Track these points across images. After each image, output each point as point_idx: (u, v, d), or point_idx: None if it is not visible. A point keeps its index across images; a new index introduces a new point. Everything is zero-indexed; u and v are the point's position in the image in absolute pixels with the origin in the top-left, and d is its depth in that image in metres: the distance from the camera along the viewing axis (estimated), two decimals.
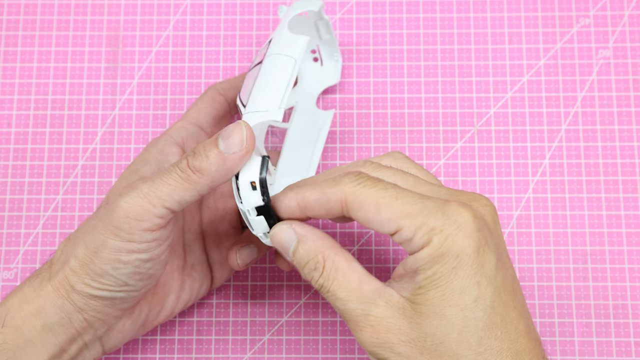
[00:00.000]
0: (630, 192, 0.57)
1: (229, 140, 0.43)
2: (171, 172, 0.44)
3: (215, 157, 0.43)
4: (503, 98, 0.59)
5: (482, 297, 0.40)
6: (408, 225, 0.40)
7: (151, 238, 0.44)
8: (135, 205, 0.43)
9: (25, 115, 0.60)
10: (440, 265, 0.40)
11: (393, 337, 0.40)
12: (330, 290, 0.42)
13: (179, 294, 0.51)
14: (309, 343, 0.56)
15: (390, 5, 0.61)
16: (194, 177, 0.43)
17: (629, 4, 0.61)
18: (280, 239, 0.44)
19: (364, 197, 0.41)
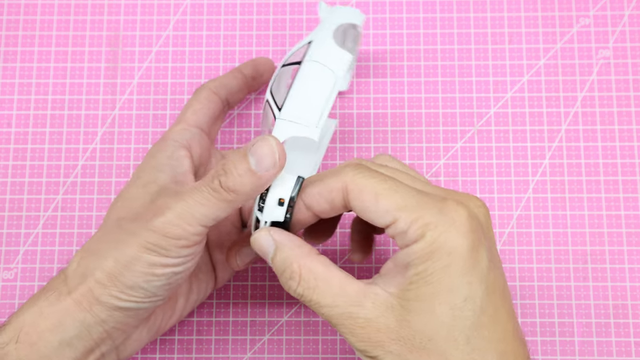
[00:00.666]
0: (630, 192, 0.57)
1: (259, 156, 0.42)
2: (203, 191, 0.43)
3: (248, 177, 0.42)
4: (503, 98, 0.59)
5: (472, 297, 0.40)
6: (404, 218, 0.40)
7: (187, 253, 0.44)
8: (172, 226, 0.43)
9: (25, 115, 0.60)
10: (432, 262, 0.40)
11: (383, 336, 0.40)
12: (313, 299, 0.42)
13: (188, 296, 0.51)
14: (309, 343, 0.56)
15: (390, 5, 0.61)
16: (228, 197, 0.43)
17: (629, 4, 0.61)
18: (259, 246, 0.44)
19: (363, 186, 0.42)
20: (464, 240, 0.40)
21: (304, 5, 0.61)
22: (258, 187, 0.43)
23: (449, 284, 0.40)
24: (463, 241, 0.40)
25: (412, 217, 0.40)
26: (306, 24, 0.61)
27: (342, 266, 0.57)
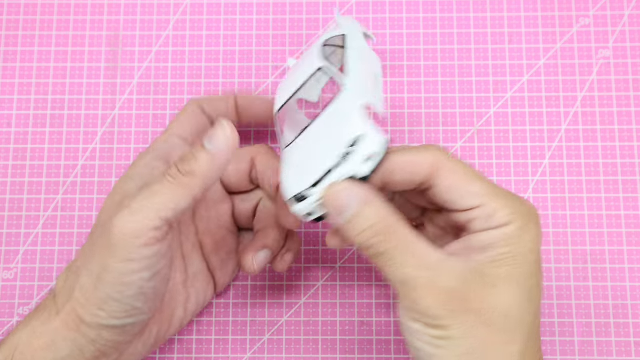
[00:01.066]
0: (631, 192, 0.57)
1: (214, 138, 0.43)
2: (161, 181, 0.43)
3: (203, 157, 0.43)
4: (503, 98, 0.59)
5: (539, 286, 0.43)
6: (491, 203, 0.43)
7: (151, 254, 0.43)
8: (129, 222, 0.42)
9: (25, 115, 0.60)
10: (517, 247, 0.42)
11: (457, 306, 0.41)
12: (397, 260, 0.41)
13: (186, 305, 0.51)
14: (309, 343, 0.56)
15: (390, 5, 0.61)
16: (185, 181, 0.43)
17: (629, 4, 0.61)
18: (339, 199, 0.42)
19: (455, 166, 0.44)
20: (539, 237, 0.43)
21: (304, 5, 0.61)
22: (215, 166, 0.43)
23: (528, 270, 0.42)
24: (539, 237, 0.43)
25: (500, 204, 0.43)
26: (306, 24, 0.61)
27: (342, 266, 0.57)
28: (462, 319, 0.40)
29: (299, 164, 0.45)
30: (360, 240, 0.42)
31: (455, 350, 0.40)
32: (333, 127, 0.44)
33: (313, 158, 0.44)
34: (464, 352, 0.40)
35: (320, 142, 0.44)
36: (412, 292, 0.41)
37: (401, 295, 0.42)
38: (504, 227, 0.42)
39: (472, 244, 0.43)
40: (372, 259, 0.42)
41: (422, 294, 0.41)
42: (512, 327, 0.41)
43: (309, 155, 0.45)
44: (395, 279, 0.41)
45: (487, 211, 0.43)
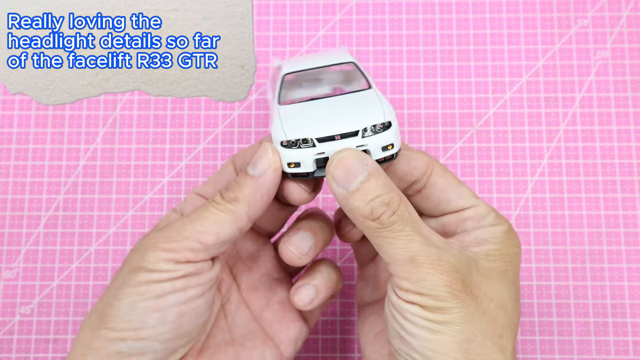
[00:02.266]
0: (629, 192, 0.57)
1: (258, 163, 0.42)
2: (206, 206, 0.42)
3: (247, 183, 0.42)
4: (502, 99, 0.60)
5: (518, 294, 0.44)
6: (482, 205, 0.45)
7: (175, 268, 0.40)
8: (166, 237, 0.41)
9: (27, 116, 0.60)
10: (508, 246, 0.43)
11: (461, 288, 0.40)
12: (402, 231, 0.40)
13: None
14: (309, 343, 0.56)
15: (389, 6, 0.62)
16: (230, 207, 0.42)
17: (627, 5, 0.61)
18: (350, 164, 0.41)
19: (445, 171, 0.45)
20: (520, 246, 0.45)
21: (304, 7, 0.62)
22: (259, 191, 0.42)
23: (516, 270, 0.44)
24: (520, 246, 0.45)
25: (488, 208, 0.45)
26: (306, 24, 0.61)
27: (343, 266, 0.57)
28: (464, 303, 0.40)
29: (303, 118, 0.44)
30: (367, 210, 0.40)
31: (454, 336, 0.39)
32: (359, 106, 0.44)
33: (325, 120, 0.43)
34: (464, 339, 0.39)
35: (337, 111, 0.44)
36: (417, 269, 0.40)
37: (401, 275, 0.40)
38: (495, 227, 0.44)
39: (466, 240, 0.44)
40: (374, 233, 0.40)
41: (428, 270, 0.40)
42: (505, 321, 0.41)
43: (321, 116, 0.43)
44: (399, 256, 0.40)
45: (479, 212, 0.44)
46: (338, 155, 0.41)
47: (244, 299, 0.48)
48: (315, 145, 0.42)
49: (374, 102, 0.44)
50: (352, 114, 0.43)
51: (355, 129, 0.42)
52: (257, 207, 0.42)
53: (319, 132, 0.42)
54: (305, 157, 0.42)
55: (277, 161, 0.42)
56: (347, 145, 0.42)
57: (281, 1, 0.61)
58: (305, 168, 0.42)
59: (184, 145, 0.59)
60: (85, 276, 0.57)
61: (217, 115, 0.60)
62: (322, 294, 0.46)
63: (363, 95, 0.45)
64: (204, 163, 0.58)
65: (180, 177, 0.58)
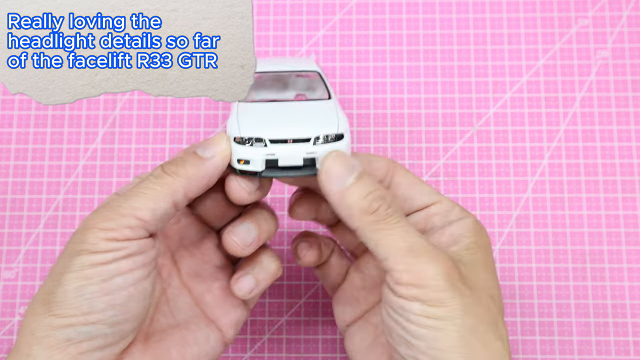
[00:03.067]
0: (629, 192, 0.57)
1: (208, 146, 0.43)
2: (143, 181, 0.42)
3: (191, 160, 0.42)
4: (502, 98, 0.60)
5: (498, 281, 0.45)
6: (445, 200, 0.46)
7: (118, 247, 0.40)
8: (102, 217, 0.40)
9: (27, 116, 0.60)
10: (480, 238, 0.44)
11: (458, 280, 0.40)
12: (398, 223, 0.41)
13: (183, 349, 0.46)
14: (309, 342, 0.56)
15: (390, 6, 0.62)
16: (168, 179, 0.41)
17: (628, 5, 0.61)
18: (343, 162, 0.42)
19: (406, 171, 0.46)
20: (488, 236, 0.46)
21: (304, 7, 0.62)
22: (201, 172, 0.42)
23: (492, 256, 0.45)
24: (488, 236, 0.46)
25: (451, 202, 0.46)
26: (306, 24, 0.61)
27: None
28: (462, 295, 0.40)
29: (260, 118, 0.44)
30: (365, 203, 0.41)
31: (457, 330, 0.39)
32: (316, 114, 0.45)
33: (281, 123, 0.44)
34: (466, 332, 0.39)
35: (294, 116, 0.45)
36: (417, 259, 0.40)
37: (401, 268, 0.40)
38: (463, 220, 0.45)
39: (442, 240, 0.44)
40: (372, 227, 0.41)
41: (427, 260, 0.40)
42: (496, 310, 0.42)
43: (277, 119, 0.45)
44: (397, 247, 0.40)
45: (444, 207, 0.45)
46: (330, 154, 0.42)
47: (185, 284, 0.48)
48: (267, 146, 0.43)
49: (331, 113, 0.45)
50: (308, 121, 0.44)
51: (308, 136, 0.43)
52: (195, 186, 0.42)
53: (273, 134, 0.43)
54: (255, 155, 0.43)
55: (227, 150, 0.43)
56: (297, 150, 0.43)
57: (281, 1, 0.61)
58: (254, 166, 0.43)
59: (184, 145, 0.59)
60: None
61: (217, 115, 0.60)
62: (261, 284, 0.46)
63: (322, 105, 0.46)
64: None
65: None
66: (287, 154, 0.43)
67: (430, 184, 0.58)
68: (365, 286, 0.49)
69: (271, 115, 0.45)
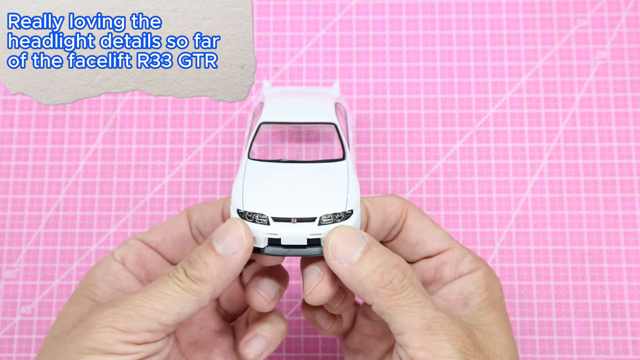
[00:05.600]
0: (628, 192, 0.58)
1: (226, 240, 0.40)
2: (167, 282, 0.39)
3: (214, 263, 0.39)
4: (501, 99, 0.60)
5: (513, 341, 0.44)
6: (458, 248, 0.44)
7: (135, 350, 0.38)
8: (123, 317, 0.38)
9: (27, 116, 0.60)
10: (493, 292, 0.43)
11: (473, 352, 0.39)
12: (414, 297, 0.39)
13: None
14: (309, 342, 0.56)
15: (389, 6, 0.62)
16: (195, 287, 0.39)
17: (627, 6, 0.61)
18: (347, 238, 0.40)
19: (418, 212, 0.44)
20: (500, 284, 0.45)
21: (304, 7, 0.62)
22: (227, 272, 0.39)
23: (505, 310, 0.43)
24: (500, 284, 0.45)
25: (463, 250, 0.44)
26: (306, 25, 0.61)
27: None
28: None
29: (265, 188, 0.42)
30: (377, 276, 0.39)
31: None
32: (325, 186, 0.43)
33: (286, 197, 0.42)
34: None
35: (301, 188, 0.43)
36: (434, 337, 0.39)
37: (417, 345, 0.39)
38: (474, 273, 0.43)
39: (452, 298, 0.43)
40: (388, 302, 0.39)
41: (444, 338, 0.39)
42: None
43: (282, 191, 0.42)
44: (415, 324, 0.39)
45: (456, 255, 0.44)
46: (334, 231, 0.40)
47: (184, 354, 0.46)
48: (269, 224, 0.41)
49: (342, 183, 0.43)
50: (315, 196, 0.42)
51: (313, 215, 0.41)
52: (222, 287, 0.40)
53: (276, 211, 0.41)
54: (258, 233, 0.41)
55: (250, 241, 0.40)
56: (302, 230, 0.40)
57: (281, 1, 0.62)
58: (256, 243, 0.41)
59: (184, 145, 0.59)
60: None
61: (217, 115, 0.60)
62: (272, 345, 0.45)
63: (334, 171, 0.44)
64: (204, 163, 0.59)
65: (180, 177, 0.59)
66: (291, 234, 0.41)
67: (429, 183, 0.58)
68: (376, 334, 0.46)
69: (277, 185, 0.43)
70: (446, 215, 0.57)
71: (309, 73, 0.60)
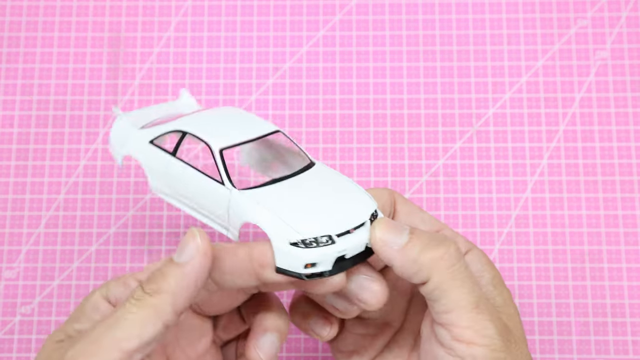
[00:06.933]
0: (628, 192, 0.58)
1: (185, 249, 0.37)
2: (124, 305, 0.37)
3: (172, 272, 0.37)
4: (501, 99, 0.60)
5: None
6: (447, 230, 0.44)
7: None
8: (83, 352, 0.35)
9: (27, 116, 0.60)
10: (495, 269, 0.44)
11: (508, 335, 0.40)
12: (467, 271, 0.40)
13: None
14: (309, 342, 0.56)
15: (389, 7, 0.62)
16: (152, 301, 0.36)
17: (627, 6, 0.61)
18: (390, 224, 0.40)
19: (407, 200, 0.45)
20: None
21: (304, 7, 0.62)
22: (184, 279, 0.37)
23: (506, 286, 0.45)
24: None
25: (454, 232, 0.44)
26: (306, 25, 0.61)
27: None
28: (513, 353, 0.40)
29: (303, 209, 0.40)
30: (431, 252, 0.39)
31: None
32: (341, 191, 0.42)
33: (329, 212, 0.40)
34: None
35: (330, 199, 0.41)
36: (481, 316, 0.39)
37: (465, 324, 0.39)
38: (473, 251, 0.43)
39: None
40: (441, 277, 0.39)
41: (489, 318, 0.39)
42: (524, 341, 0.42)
43: (320, 207, 0.40)
44: (465, 301, 0.39)
45: (449, 235, 0.43)
46: (375, 226, 0.40)
47: None
48: (335, 242, 0.39)
49: (345, 185, 0.42)
50: (343, 203, 0.40)
51: (364, 219, 0.40)
52: (184, 298, 0.37)
53: (336, 227, 0.39)
54: (326, 255, 0.38)
55: (205, 245, 0.37)
56: (362, 237, 0.40)
57: (281, 1, 0.62)
58: (323, 267, 0.38)
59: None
60: (86, 276, 0.57)
61: None
62: (282, 341, 0.42)
63: (322, 175, 0.43)
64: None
65: None
66: (354, 245, 0.39)
67: (429, 183, 0.58)
68: (370, 332, 0.45)
69: (305, 205, 0.40)
70: (446, 215, 0.57)
71: (309, 73, 0.60)
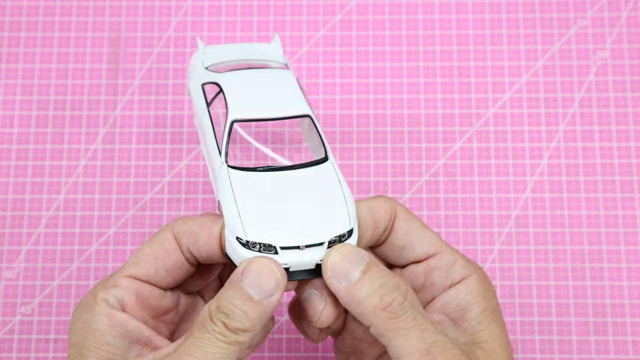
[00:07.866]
0: (628, 192, 0.58)
1: (261, 284, 0.38)
2: (209, 339, 0.37)
3: (254, 310, 0.37)
4: (501, 99, 0.60)
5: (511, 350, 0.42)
6: (448, 251, 0.42)
7: None
8: None
9: (27, 116, 0.60)
10: (489, 301, 0.41)
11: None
12: (415, 319, 0.38)
13: None
14: (309, 342, 0.56)
15: (389, 7, 0.62)
16: (239, 338, 0.37)
17: (627, 6, 0.61)
18: (347, 257, 0.39)
19: (407, 214, 0.42)
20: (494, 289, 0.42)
21: (304, 7, 0.62)
22: (266, 316, 0.38)
23: (502, 320, 0.41)
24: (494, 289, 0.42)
25: (455, 254, 0.42)
26: (306, 25, 0.61)
27: None
28: None
29: (263, 211, 0.39)
30: (376, 298, 0.38)
31: None
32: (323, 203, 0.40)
33: (288, 221, 0.39)
34: None
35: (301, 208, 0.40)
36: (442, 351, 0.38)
37: None
38: (468, 280, 0.41)
39: (450, 311, 0.41)
40: (387, 325, 0.38)
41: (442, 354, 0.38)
42: None
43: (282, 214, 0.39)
44: (414, 349, 0.38)
45: (446, 260, 0.42)
46: (333, 250, 0.39)
47: None
48: (277, 253, 0.38)
49: (337, 194, 0.40)
50: (317, 215, 0.39)
51: (321, 240, 0.39)
52: (260, 329, 0.38)
53: (285, 240, 0.38)
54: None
55: (285, 279, 0.38)
56: (311, 256, 0.39)
57: (281, 2, 0.62)
58: None
59: (184, 145, 0.59)
60: (86, 276, 0.57)
61: (217, 115, 0.60)
62: None
63: (323, 176, 0.41)
64: (204, 163, 0.59)
65: (180, 177, 0.59)
66: (300, 262, 0.39)
67: (429, 183, 0.58)
68: (367, 338, 0.44)
69: (275, 206, 0.39)
70: (446, 215, 0.57)
71: (309, 73, 0.60)
